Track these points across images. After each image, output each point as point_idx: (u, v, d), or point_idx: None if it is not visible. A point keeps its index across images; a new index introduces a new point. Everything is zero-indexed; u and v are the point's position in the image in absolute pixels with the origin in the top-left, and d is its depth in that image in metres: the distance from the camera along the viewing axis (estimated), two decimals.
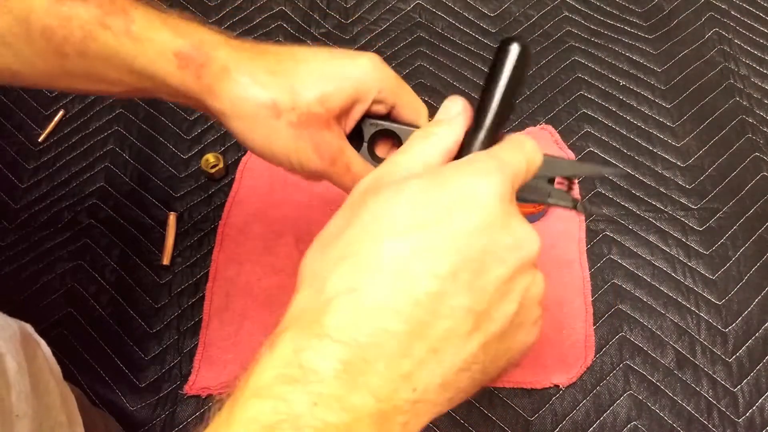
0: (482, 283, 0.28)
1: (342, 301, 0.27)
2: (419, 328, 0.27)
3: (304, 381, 0.26)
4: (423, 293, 0.27)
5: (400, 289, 0.27)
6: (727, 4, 0.91)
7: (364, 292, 0.27)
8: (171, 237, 0.76)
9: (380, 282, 0.27)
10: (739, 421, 0.65)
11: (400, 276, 0.27)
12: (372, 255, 0.28)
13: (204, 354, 0.69)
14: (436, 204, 0.29)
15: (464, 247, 0.28)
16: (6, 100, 0.88)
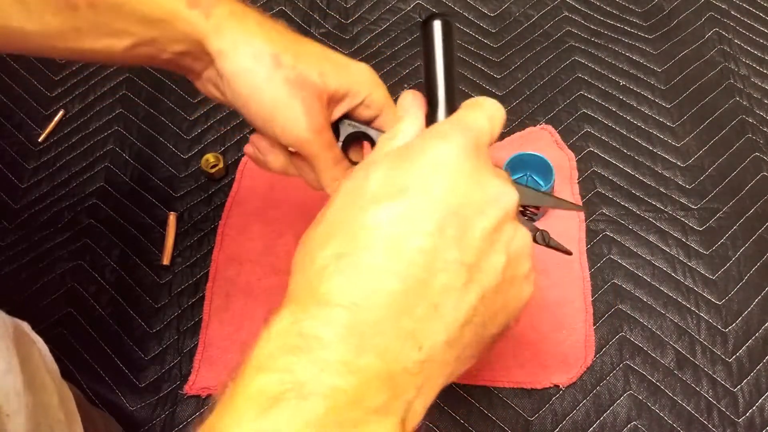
0: (468, 237, 0.29)
1: (335, 268, 0.28)
2: (416, 285, 0.27)
3: (307, 349, 0.26)
4: (415, 251, 0.28)
5: (392, 250, 0.28)
6: (727, 4, 0.91)
7: (355, 256, 0.28)
8: (171, 237, 0.76)
9: (371, 245, 0.28)
10: (739, 421, 0.65)
11: (389, 238, 0.28)
12: (357, 224, 0.29)
13: (204, 354, 0.69)
14: (408, 171, 0.30)
15: (444, 204, 0.29)
16: (6, 100, 0.88)
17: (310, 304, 0.27)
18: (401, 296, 0.27)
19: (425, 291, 0.27)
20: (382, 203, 0.29)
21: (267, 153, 0.47)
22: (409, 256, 0.27)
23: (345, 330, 0.26)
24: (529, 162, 0.73)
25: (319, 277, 0.28)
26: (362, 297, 0.27)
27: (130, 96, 0.87)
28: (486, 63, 0.86)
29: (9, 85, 0.89)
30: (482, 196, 0.30)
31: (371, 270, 0.27)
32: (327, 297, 0.27)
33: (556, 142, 0.79)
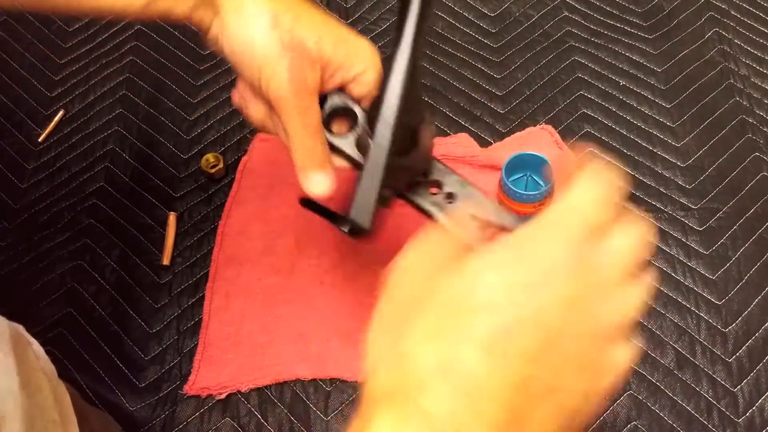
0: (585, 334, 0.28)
1: (437, 381, 0.26)
2: (516, 414, 0.26)
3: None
4: (518, 377, 0.26)
5: (494, 370, 0.26)
6: (727, 4, 0.91)
7: (458, 372, 0.26)
8: (171, 237, 0.76)
9: (474, 361, 0.26)
10: (739, 421, 0.65)
11: (492, 355, 0.26)
12: (461, 332, 0.27)
13: (204, 354, 0.69)
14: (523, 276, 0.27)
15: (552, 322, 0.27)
16: (6, 100, 0.88)
17: (410, 414, 0.26)
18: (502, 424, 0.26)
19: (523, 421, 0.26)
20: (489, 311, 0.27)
21: (249, 102, 0.49)
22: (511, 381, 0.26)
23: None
24: (529, 162, 0.73)
25: (421, 386, 0.26)
26: (464, 416, 0.26)
27: (130, 96, 0.87)
28: (486, 63, 0.86)
29: (9, 85, 0.89)
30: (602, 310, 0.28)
31: (474, 390, 0.26)
32: (428, 410, 0.26)
33: (556, 142, 0.79)
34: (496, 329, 0.26)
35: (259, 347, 0.69)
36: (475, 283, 0.28)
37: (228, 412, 0.67)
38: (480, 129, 0.81)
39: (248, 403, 0.67)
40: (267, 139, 0.82)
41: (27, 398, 0.44)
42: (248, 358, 0.68)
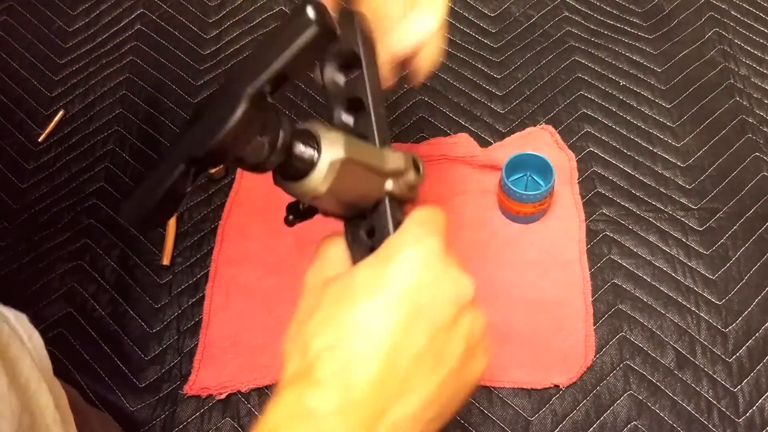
0: (433, 327, 0.34)
1: (326, 356, 0.33)
2: (391, 371, 0.33)
3: (308, 418, 0.32)
4: (391, 343, 0.33)
5: (372, 342, 0.33)
6: (727, 4, 0.91)
7: (342, 347, 0.33)
8: (171, 237, 0.76)
9: (355, 338, 0.33)
10: (739, 421, 0.65)
11: (369, 331, 0.33)
12: (344, 319, 0.34)
13: (204, 354, 0.69)
14: (385, 272, 0.35)
15: (414, 302, 0.34)
16: (6, 100, 0.88)
17: (309, 385, 0.33)
18: (379, 381, 0.33)
19: (398, 376, 0.33)
20: (363, 301, 0.34)
21: None
22: (386, 348, 0.33)
23: (335, 406, 0.32)
24: (529, 162, 0.73)
25: (314, 363, 0.33)
26: (349, 381, 0.33)
27: (130, 96, 0.87)
28: (486, 63, 0.86)
29: (9, 85, 0.89)
30: (446, 290, 0.35)
31: (356, 359, 0.33)
32: (321, 380, 0.33)
33: (556, 142, 0.79)
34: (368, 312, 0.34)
35: (259, 347, 0.69)
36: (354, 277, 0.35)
37: (228, 412, 0.67)
38: (480, 129, 0.81)
39: (248, 403, 0.67)
40: None
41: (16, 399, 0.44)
42: (248, 358, 0.68)
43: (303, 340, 0.35)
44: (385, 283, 0.34)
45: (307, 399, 0.32)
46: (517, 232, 0.74)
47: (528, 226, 0.74)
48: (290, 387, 0.33)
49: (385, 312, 0.34)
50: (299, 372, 0.34)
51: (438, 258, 0.35)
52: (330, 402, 0.32)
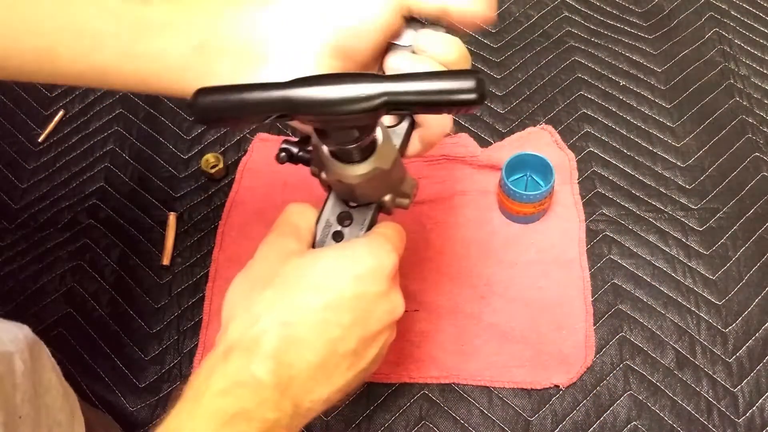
0: (364, 334, 0.39)
1: (277, 332, 0.37)
2: (324, 362, 0.38)
3: (252, 387, 0.35)
4: (332, 336, 0.38)
5: (319, 333, 0.37)
6: (727, 4, 0.91)
7: (293, 327, 0.37)
8: (171, 237, 0.76)
9: (305, 321, 0.37)
10: (739, 422, 0.65)
11: (319, 322, 0.37)
12: (300, 303, 0.38)
13: (204, 354, 0.69)
14: (345, 274, 0.39)
15: (361, 308, 0.39)
16: (6, 100, 0.88)
17: (255, 354, 0.36)
18: (315, 367, 0.37)
19: (328, 366, 0.38)
20: (322, 292, 0.38)
21: None
22: (328, 340, 0.38)
23: (277, 378, 0.36)
24: (529, 162, 0.73)
25: (264, 334, 0.37)
26: (291, 358, 0.37)
27: (130, 96, 0.86)
28: (486, 63, 0.86)
29: (9, 85, 0.89)
30: (385, 306, 0.40)
31: (302, 341, 0.37)
32: (267, 352, 0.36)
33: (556, 142, 0.79)
34: (320, 303, 0.38)
35: None
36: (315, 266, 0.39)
37: None
38: (480, 129, 0.81)
39: None
40: (267, 139, 0.82)
41: (37, 400, 0.44)
42: None
43: (255, 309, 0.38)
44: (344, 285, 0.38)
45: (255, 368, 0.36)
46: (517, 232, 0.74)
47: (528, 226, 0.74)
48: (238, 353, 0.36)
49: (337, 310, 0.38)
50: (244, 339, 0.37)
51: (389, 276, 0.40)
52: (275, 375, 0.36)
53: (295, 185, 0.78)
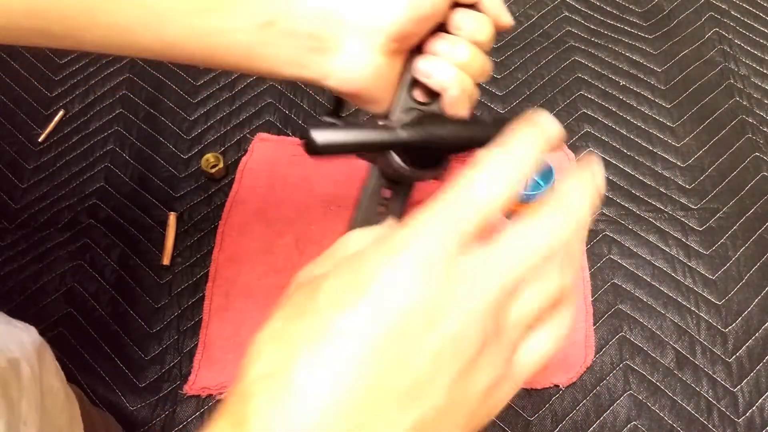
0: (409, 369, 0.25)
1: (260, 387, 0.25)
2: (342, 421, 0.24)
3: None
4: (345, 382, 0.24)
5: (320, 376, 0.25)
6: (727, 4, 0.91)
7: (281, 378, 0.25)
8: (171, 237, 0.76)
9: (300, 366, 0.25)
10: (739, 421, 0.65)
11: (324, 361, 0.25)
12: (296, 338, 0.26)
13: (204, 354, 0.69)
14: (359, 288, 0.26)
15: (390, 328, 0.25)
16: (6, 100, 0.88)
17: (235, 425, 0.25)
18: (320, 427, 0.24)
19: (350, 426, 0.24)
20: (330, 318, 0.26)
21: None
22: (336, 387, 0.24)
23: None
24: None
25: (248, 393, 0.26)
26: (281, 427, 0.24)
27: (130, 96, 0.87)
28: None
29: (9, 85, 0.89)
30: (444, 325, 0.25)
31: (296, 398, 0.24)
32: (250, 421, 0.25)
33: None
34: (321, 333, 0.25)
35: None
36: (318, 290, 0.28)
37: None
38: None
39: None
40: (267, 139, 0.82)
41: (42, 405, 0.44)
42: None
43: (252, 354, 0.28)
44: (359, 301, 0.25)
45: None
46: None
47: None
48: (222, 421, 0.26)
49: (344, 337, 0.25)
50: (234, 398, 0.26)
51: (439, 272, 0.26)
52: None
53: (295, 185, 0.78)
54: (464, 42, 0.44)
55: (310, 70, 0.42)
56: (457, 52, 0.44)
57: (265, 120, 0.83)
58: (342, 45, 0.42)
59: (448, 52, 0.44)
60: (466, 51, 0.44)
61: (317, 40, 0.41)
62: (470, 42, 0.44)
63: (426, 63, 0.44)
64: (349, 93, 0.43)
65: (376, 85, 0.43)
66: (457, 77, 0.44)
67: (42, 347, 0.49)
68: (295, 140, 0.81)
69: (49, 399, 0.47)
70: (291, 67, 0.42)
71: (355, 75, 0.42)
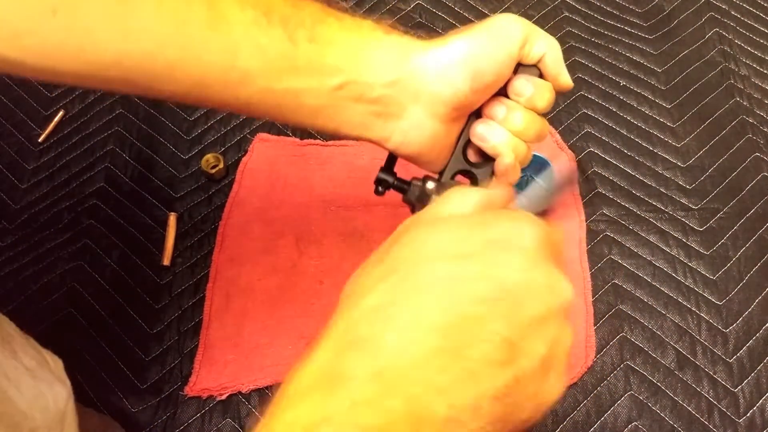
0: (519, 316, 0.29)
1: (379, 314, 0.28)
2: (457, 346, 0.28)
3: (340, 385, 0.27)
4: (463, 314, 0.28)
5: (440, 308, 0.28)
6: (727, 4, 0.91)
7: (401, 306, 0.28)
8: (171, 237, 0.76)
9: (419, 299, 0.28)
10: (740, 422, 0.65)
11: (440, 295, 0.28)
12: (412, 274, 0.29)
13: (204, 355, 0.69)
14: (481, 238, 0.30)
15: (505, 279, 0.29)
16: (6, 100, 0.88)
17: (348, 345, 0.28)
18: (440, 353, 0.27)
19: (465, 354, 0.28)
20: (444, 260, 0.29)
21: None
22: (455, 317, 0.28)
23: (376, 371, 0.27)
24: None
25: (363, 318, 0.29)
26: (399, 345, 0.27)
27: (130, 96, 0.86)
28: None
29: (9, 85, 0.89)
30: (543, 283, 0.30)
31: (414, 322, 0.28)
32: (365, 339, 0.28)
33: (556, 142, 0.79)
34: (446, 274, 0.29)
35: (260, 348, 0.69)
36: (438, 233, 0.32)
37: (229, 413, 0.67)
38: None
39: (249, 403, 0.67)
40: (267, 139, 0.82)
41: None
42: (249, 358, 0.68)
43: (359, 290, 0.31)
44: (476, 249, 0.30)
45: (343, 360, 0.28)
46: None
47: None
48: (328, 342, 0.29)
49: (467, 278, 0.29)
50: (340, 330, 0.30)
51: (546, 248, 0.32)
52: (368, 366, 0.27)
53: (295, 185, 0.78)
54: (521, 110, 0.46)
55: (373, 133, 0.45)
56: (514, 120, 0.46)
57: (265, 120, 0.83)
58: (405, 112, 0.44)
59: (505, 119, 0.46)
60: (522, 119, 0.46)
61: (383, 105, 0.43)
62: (528, 108, 0.46)
63: (482, 127, 0.46)
64: (407, 155, 0.46)
65: (432, 149, 0.46)
66: (511, 143, 0.47)
67: (67, 408, 0.49)
68: (296, 140, 0.81)
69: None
70: (355, 129, 0.44)
71: (414, 140, 0.45)
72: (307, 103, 0.42)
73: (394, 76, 0.43)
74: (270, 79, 0.41)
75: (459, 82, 0.43)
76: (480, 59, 0.43)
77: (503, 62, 0.44)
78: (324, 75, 0.42)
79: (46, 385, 0.48)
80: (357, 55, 0.42)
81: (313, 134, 0.82)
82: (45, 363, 0.50)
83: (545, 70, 0.46)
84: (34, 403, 0.45)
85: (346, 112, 0.43)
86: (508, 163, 0.47)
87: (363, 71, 0.42)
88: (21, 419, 0.43)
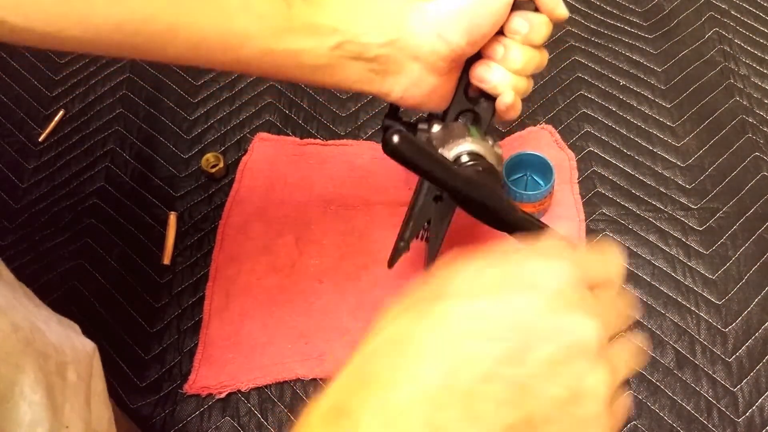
0: (529, 358, 0.28)
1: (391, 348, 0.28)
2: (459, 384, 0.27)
3: (345, 419, 0.27)
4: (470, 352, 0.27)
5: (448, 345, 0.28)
6: (727, 4, 0.91)
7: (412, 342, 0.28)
8: (171, 236, 0.76)
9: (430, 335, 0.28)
10: (739, 421, 0.65)
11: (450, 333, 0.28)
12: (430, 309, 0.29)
13: (204, 353, 0.69)
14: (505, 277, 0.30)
15: (519, 320, 0.28)
16: (6, 100, 0.88)
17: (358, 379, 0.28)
18: (441, 390, 0.27)
19: (466, 393, 0.27)
20: (462, 298, 0.29)
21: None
22: (462, 356, 0.27)
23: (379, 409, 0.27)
24: (529, 162, 0.73)
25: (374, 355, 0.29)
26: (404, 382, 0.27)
27: (130, 96, 0.87)
28: None
29: (9, 85, 0.89)
30: (558, 326, 0.29)
31: (420, 359, 0.27)
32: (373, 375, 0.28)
33: (556, 142, 0.79)
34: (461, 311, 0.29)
35: (259, 347, 0.69)
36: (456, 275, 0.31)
37: (228, 411, 0.67)
38: None
39: (248, 402, 0.67)
40: (267, 138, 0.82)
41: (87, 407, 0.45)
42: (248, 357, 0.68)
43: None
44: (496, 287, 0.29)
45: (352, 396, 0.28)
46: None
47: None
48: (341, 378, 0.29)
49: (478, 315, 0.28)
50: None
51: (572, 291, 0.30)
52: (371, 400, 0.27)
53: (295, 185, 0.78)
54: (519, 47, 0.47)
55: (374, 87, 0.46)
56: (513, 58, 0.47)
57: (265, 120, 0.83)
58: (403, 69, 0.45)
59: (503, 58, 0.47)
60: (520, 57, 0.48)
61: (381, 63, 0.45)
62: (526, 45, 0.47)
63: (481, 69, 0.47)
64: (410, 106, 0.48)
65: (433, 97, 0.47)
66: (511, 82, 0.47)
67: (93, 351, 0.50)
68: (295, 140, 0.82)
69: (93, 403, 0.47)
70: (355, 84, 0.46)
71: (415, 93, 0.46)
72: (307, 62, 0.44)
73: (390, 37, 0.44)
74: (268, 40, 0.42)
75: (456, 38, 0.44)
76: (475, 12, 0.44)
77: (498, 11, 0.45)
78: (320, 35, 0.43)
79: (74, 333, 0.49)
80: (351, 14, 0.43)
81: (313, 134, 0.82)
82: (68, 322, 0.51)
83: (540, 4, 0.47)
84: (64, 341, 0.46)
85: (345, 70, 0.45)
86: (508, 101, 0.48)
87: (359, 31, 0.43)
88: (52, 351, 0.44)
